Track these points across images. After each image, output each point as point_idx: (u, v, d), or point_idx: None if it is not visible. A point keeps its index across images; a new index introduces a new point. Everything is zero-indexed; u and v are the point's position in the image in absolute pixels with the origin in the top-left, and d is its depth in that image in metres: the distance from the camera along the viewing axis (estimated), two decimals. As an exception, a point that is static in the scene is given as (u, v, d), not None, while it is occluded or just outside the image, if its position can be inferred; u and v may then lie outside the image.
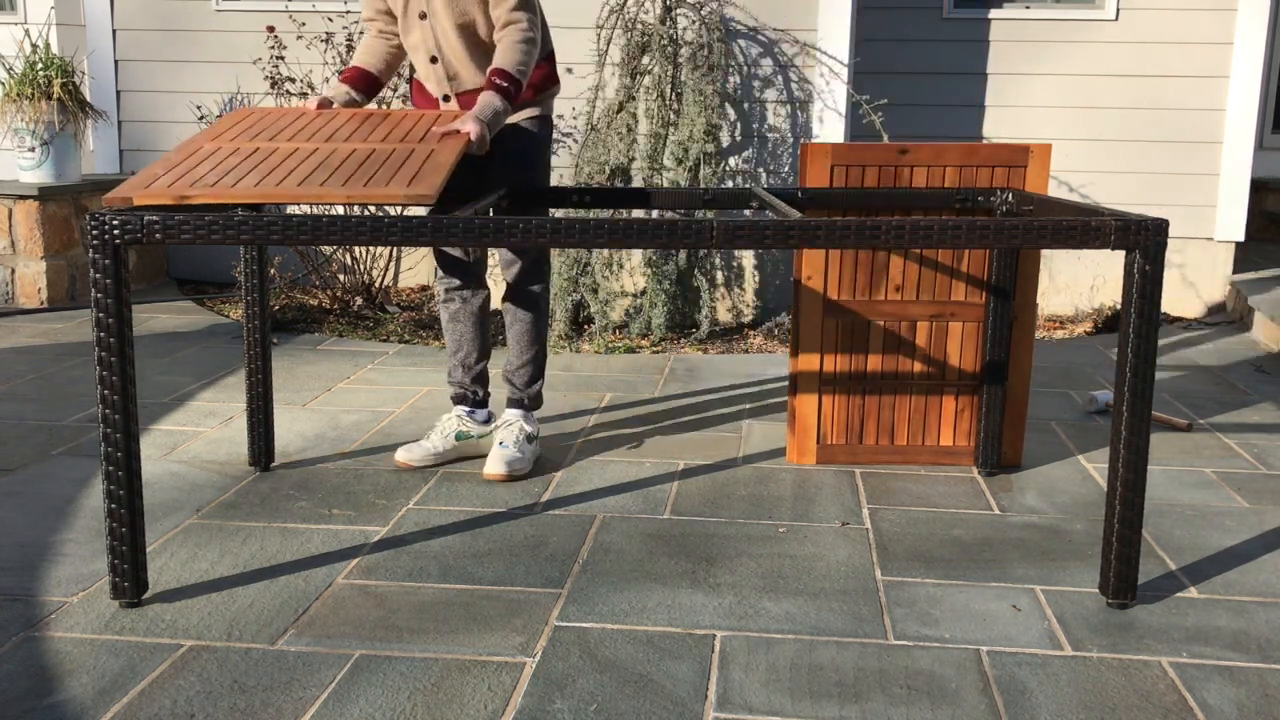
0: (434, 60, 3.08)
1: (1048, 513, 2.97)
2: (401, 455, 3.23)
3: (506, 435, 3.23)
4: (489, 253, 3.30)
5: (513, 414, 3.30)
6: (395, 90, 5.46)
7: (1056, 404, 4.01)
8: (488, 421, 3.34)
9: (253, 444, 3.17)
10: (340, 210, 5.20)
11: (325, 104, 3.08)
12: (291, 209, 5.54)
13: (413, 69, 3.25)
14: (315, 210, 5.41)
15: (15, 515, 2.86)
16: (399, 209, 5.26)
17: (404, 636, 2.25)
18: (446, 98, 3.13)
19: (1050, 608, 2.41)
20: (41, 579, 2.50)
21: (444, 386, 4.11)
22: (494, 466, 3.15)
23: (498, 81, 2.96)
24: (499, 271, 3.30)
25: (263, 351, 3.15)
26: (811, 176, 3.24)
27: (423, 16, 3.03)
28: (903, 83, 5.57)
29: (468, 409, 3.32)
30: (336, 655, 2.17)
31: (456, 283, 3.23)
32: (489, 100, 2.93)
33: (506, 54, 2.98)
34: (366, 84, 3.15)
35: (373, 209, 4.90)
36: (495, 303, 5.33)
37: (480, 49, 3.07)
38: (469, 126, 2.85)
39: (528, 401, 3.31)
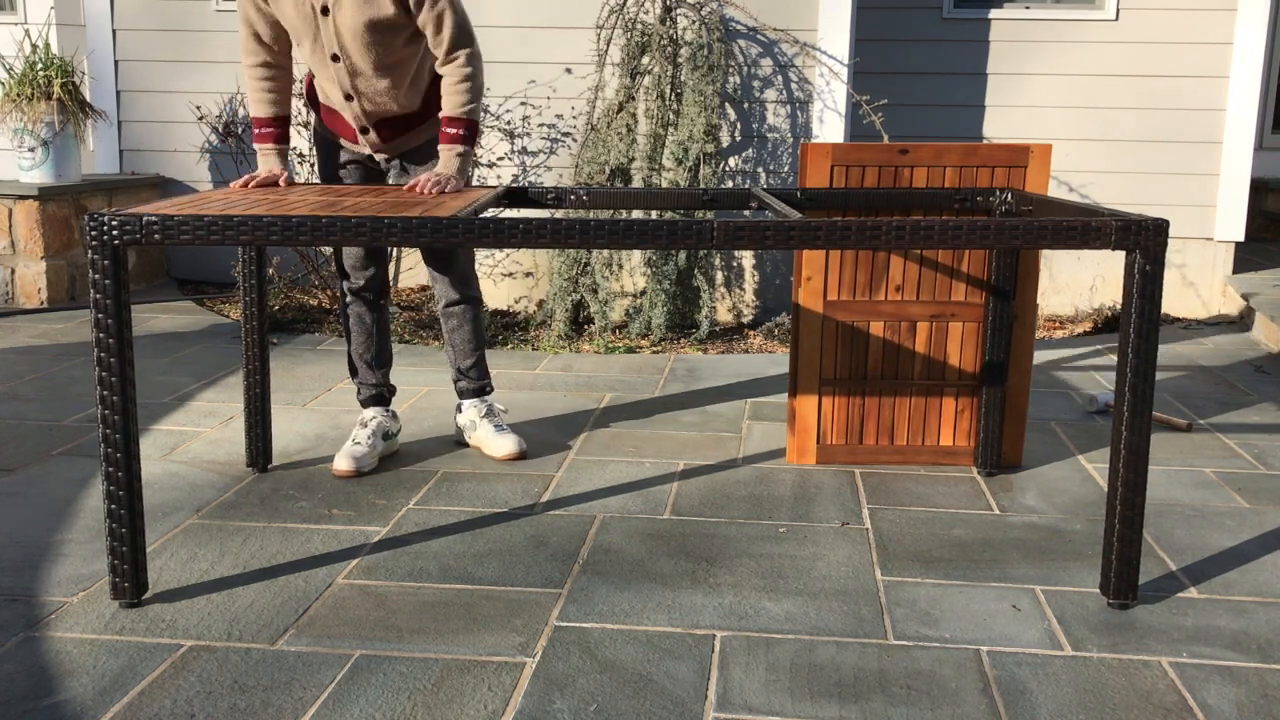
0: (349, 98, 3.06)
1: (1048, 513, 2.96)
2: (344, 464, 3.16)
3: (498, 420, 3.40)
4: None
5: (480, 402, 3.41)
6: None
7: (1056, 404, 4.01)
8: (395, 419, 3.39)
9: (250, 445, 3.17)
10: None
11: (271, 180, 3.05)
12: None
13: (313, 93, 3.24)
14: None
15: (15, 515, 2.86)
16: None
17: (404, 636, 2.25)
18: (365, 129, 3.13)
19: (1050, 608, 2.41)
20: (41, 579, 2.50)
21: (444, 386, 4.12)
22: (509, 447, 3.31)
23: (449, 131, 3.02)
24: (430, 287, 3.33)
25: (261, 352, 3.15)
26: (811, 176, 3.24)
27: (335, 59, 3.00)
28: (903, 83, 5.57)
29: (385, 409, 3.35)
30: (336, 655, 2.17)
31: (361, 283, 3.27)
32: (449, 155, 3.02)
33: (451, 99, 3.01)
34: (287, 134, 3.16)
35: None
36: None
37: (403, 81, 3.07)
38: (448, 186, 2.97)
39: (489, 387, 3.44)
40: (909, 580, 2.54)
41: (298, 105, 5.72)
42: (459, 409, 3.44)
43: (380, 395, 3.35)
